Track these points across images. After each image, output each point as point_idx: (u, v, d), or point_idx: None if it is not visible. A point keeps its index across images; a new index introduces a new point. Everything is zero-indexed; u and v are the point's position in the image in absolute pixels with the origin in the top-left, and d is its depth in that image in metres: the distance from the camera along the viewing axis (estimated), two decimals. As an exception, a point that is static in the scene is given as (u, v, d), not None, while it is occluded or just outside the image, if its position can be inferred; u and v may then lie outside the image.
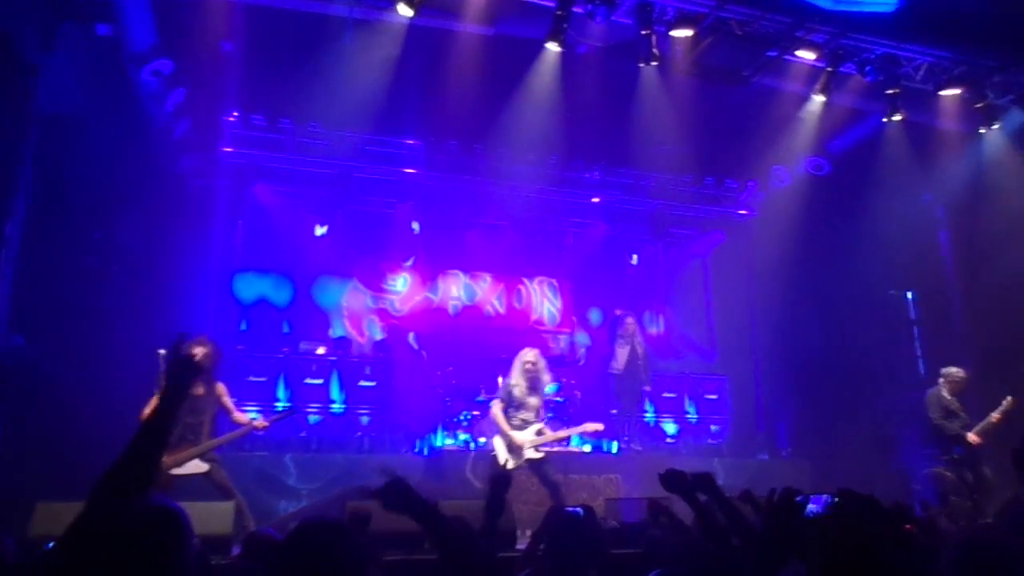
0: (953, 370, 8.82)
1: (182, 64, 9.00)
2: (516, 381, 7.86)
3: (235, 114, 10.58)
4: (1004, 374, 9.24)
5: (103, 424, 7.81)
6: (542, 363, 7.98)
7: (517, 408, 7.77)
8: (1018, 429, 8.87)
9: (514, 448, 7.64)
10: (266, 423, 7.13)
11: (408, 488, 2.75)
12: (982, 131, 10.43)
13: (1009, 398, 8.57)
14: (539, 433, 7.75)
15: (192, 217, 9.96)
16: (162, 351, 6.39)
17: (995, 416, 8.49)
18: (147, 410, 6.36)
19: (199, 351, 6.43)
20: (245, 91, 10.17)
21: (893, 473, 10.55)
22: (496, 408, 7.86)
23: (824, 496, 5.54)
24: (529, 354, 7.94)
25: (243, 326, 11.11)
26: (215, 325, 10.15)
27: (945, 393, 8.70)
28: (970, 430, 8.49)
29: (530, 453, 7.62)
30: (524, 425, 7.74)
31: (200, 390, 6.76)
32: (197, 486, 6.66)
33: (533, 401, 7.83)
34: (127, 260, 8.82)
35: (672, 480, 3.66)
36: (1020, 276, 10.60)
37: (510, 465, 7.49)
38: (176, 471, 6.55)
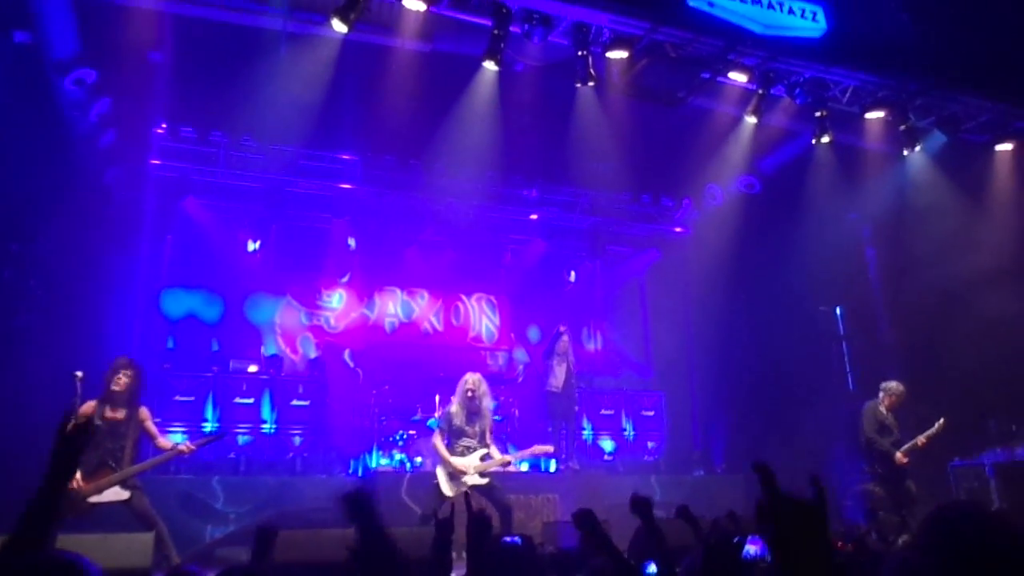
0: (893, 384, 8.88)
1: (107, 73, 8.72)
2: (456, 409, 7.76)
3: (163, 126, 10.30)
4: (928, 389, 9.51)
5: (13, 451, 7.46)
6: (483, 387, 7.87)
7: (458, 436, 7.66)
8: (943, 447, 9.19)
9: (455, 476, 7.52)
10: (192, 447, 6.87)
11: (372, 501, 2.74)
12: (906, 152, 10.79)
13: (941, 420, 8.68)
14: (484, 458, 7.64)
15: (118, 231, 9.64)
16: (79, 373, 6.12)
17: (922, 439, 8.64)
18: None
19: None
20: (175, 103, 9.91)
21: (823, 487, 10.73)
22: (436, 438, 7.73)
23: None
24: (470, 379, 7.83)
25: (170, 344, 10.76)
26: (141, 343, 9.84)
27: (883, 408, 8.78)
28: (899, 447, 8.61)
29: (474, 479, 7.51)
30: (467, 452, 7.63)
31: (121, 414, 6.54)
32: (117, 514, 6.39)
33: (475, 427, 7.71)
34: (46, 274, 8.45)
35: (639, 506, 3.76)
36: (943, 292, 10.97)
37: (450, 494, 7.38)
38: (95, 499, 6.29)
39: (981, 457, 9.78)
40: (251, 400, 10.04)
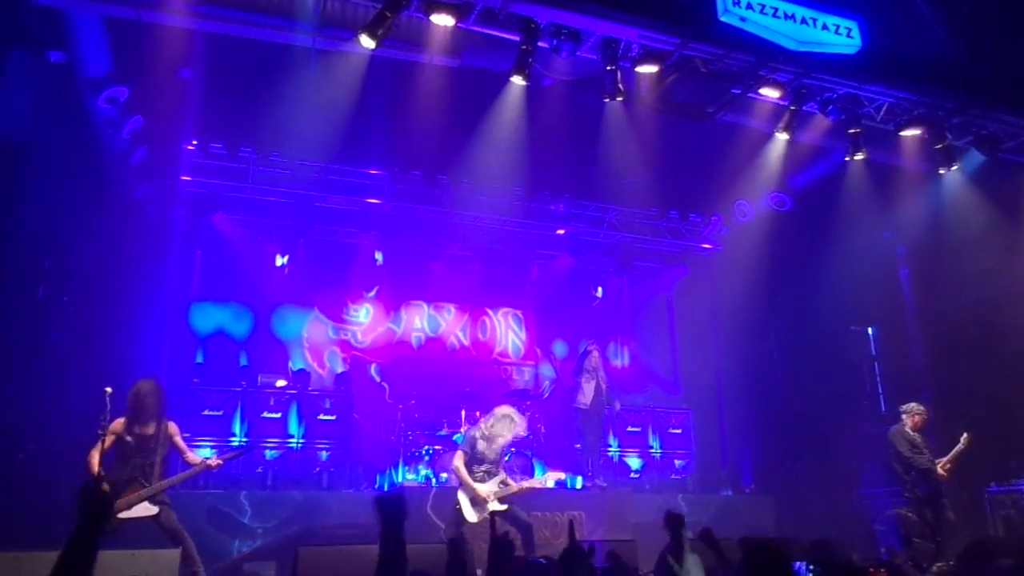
0: (914, 405, 8.87)
1: (139, 91, 8.84)
2: (480, 434, 7.76)
3: (194, 143, 10.38)
4: (961, 410, 9.30)
5: (47, 463, 7.54)
6: (522, 425, 7.97)
7: (479, 462, 7.66)
8: (980, 472, 8.99)
9: (478, 502, 7.49)
10: (220, 461, 6.90)
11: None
12: (942, 171, 10.58)
13: (965, 436, 8.64)
14: (502, 484, 7.64)
15: (148, 246, 9.74)
16: (108, 389, 6.16)
17: (950, 457, 8.59)
18: (94, 454, 6.16)
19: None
20: (205, 119, 10.00)
21: (855, 511, 10.55)
22: (458, 461, 7.69)
23: (802, 565, 5.44)
24: (509, 411, 7.86)
25: (199, 358, 10.84)
26: (170, 357, 9.93)
27: (908, 429, 8.74)
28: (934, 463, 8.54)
29: (494, 506, 7.49)
30: (487, 477, 7.63)
31: (150, 430, 6.56)
32: (145, 530, 6.41)
33: (495, 453, 7.73)
34: (79, 290, 8.55)
35: (673, 522, 4.14)
36: (978, 314, 10.74)
37: (474, 519, 7.36)
38: (125, 515, 6.29)
39: (1019, 484, 9.54)
40: (279, 415, 10.05)
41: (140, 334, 9.27)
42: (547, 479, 8.22)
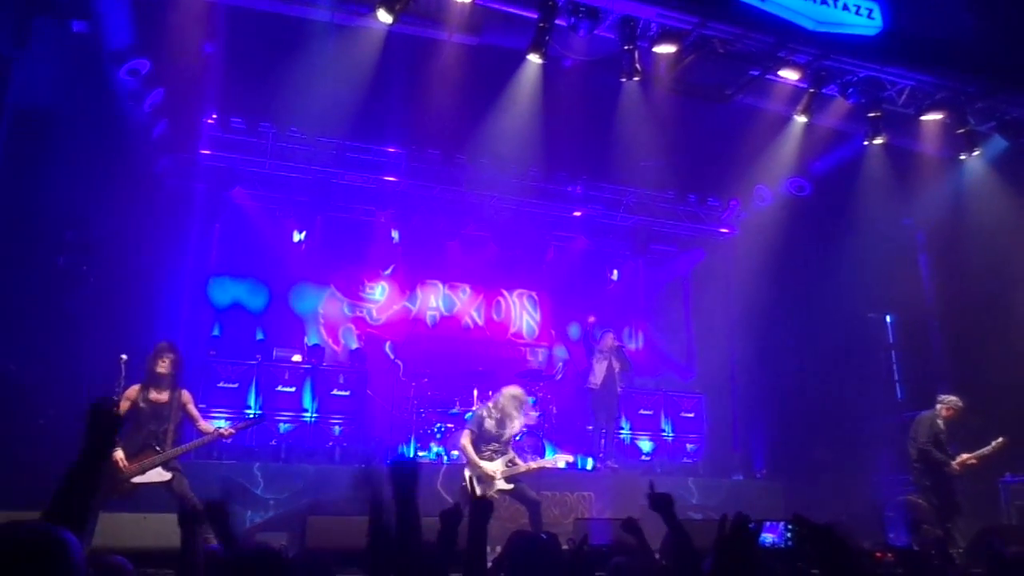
0: (952, 398, 8.58)
1: (161, 64, 8.87)
2: (488, 414, 7.76)
3: (214, 116, 10.45)
4: (980, 401, 9.19)
5: (67, 430, 7.68)
6: (529, 406, 7.95)
7: (487, 440, 7.67)
8: (995, 461, 8.87)
9: (484, 479, 7.54)
10: (232, 430, 6.96)
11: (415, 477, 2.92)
12: (963, 157, 10.44)
13: (1000, 440, 8.37)
14: (509, 463, 7.65)
15: (168, 219, 9.85)
16: (124, 356, 6.27)
17: (974, 458, 8.34)
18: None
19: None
20: (225, 93, 10.04)
21: (867, 497, 10.50)
22: (465, 439, 7.71)
23: (780, 524, 5.49)
24: (516, 392, 7.87)
25: (216, 331, 10.96)
26: (188, 329, 10.03)
27: (939, 420, 8.48)
28: (952, 460, 8.35)
29: (501, 484, 7.53)
30: (495, 456, 7.65)
31: (164, 396, 6.65)
32: (157, 495, 6.52)
33: (505, 433, 7.73)
34: (99, 261, 8.66)
35: (659, 501, 3.75)
36: (998, 303, 10.61)
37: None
38: (138, 479, 6.40)
39: (1035, 473, 9.44)
40: (293, 389, 10.16)
41: (158, 305, 9.39)
42: (556, 460, 8.27)
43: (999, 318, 10.63)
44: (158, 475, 6.47)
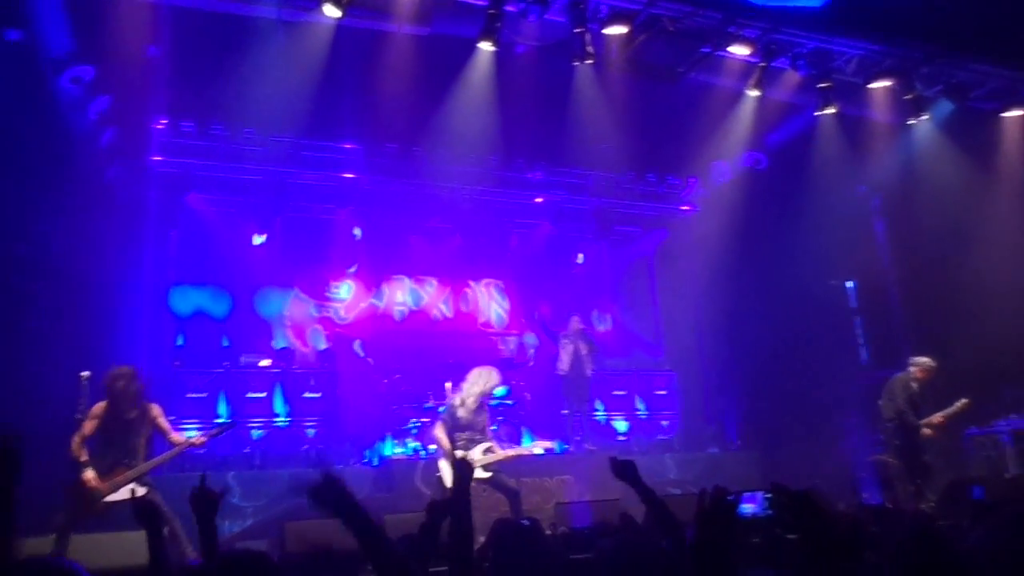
0: (924, 360, 8.67)
1: (104, 70, 8.64)
2: (460, 402, 7.70)
3: (164, 121, 10.24)
4: (941, 359, 9.41)
5: (33, 454, 7.47)
6: (495, 378, 7.87)
7: (461, 429, 7.59)
8: (960, 420, 9.07)
9: None
10: (204, 438, 6.85)
11: (343, 489, 2.53)
12: (912, 122, 10.64)
13: (963, 401, 8.52)
14: (487, 451, 7.59)
15: (122, 229, 9.60)
16: (85, 374, 6.13)
17: (940, 417, 8.49)
18: (76, 439, 6.14)
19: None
20: (173, 97, 9.83)
21: (838, 460, 10.72)
22: (438, 430, 7.66)
23: (758, 494, 5.57)
24: (482, 370, 7.84)
25: (180, 341, 10.74)
26: (150, 341, 9.85)
27: (913, 382, 8.58)
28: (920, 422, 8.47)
29: (478, 473, 7.46)
30: (470, 445, 7.55)
31: (132, 413, 6.51)
32: (131, 513, 6.38)
33: (479, 420, 7.67)
34: (53, 276, 8.43)
35: (622, 469, 3.69)
36: (953, 262, 10.85)
37: None
38: (111, 498, 6.30)
39: (997, 425, 9.71)
40: (263, 394, 10.05)
41: (118, 318, 9.16)
42: (534, 447, 8.26)
43: (956, 276, 10.88)
44: (131, 492, 6.33)
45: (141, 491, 6.34)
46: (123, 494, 6.30)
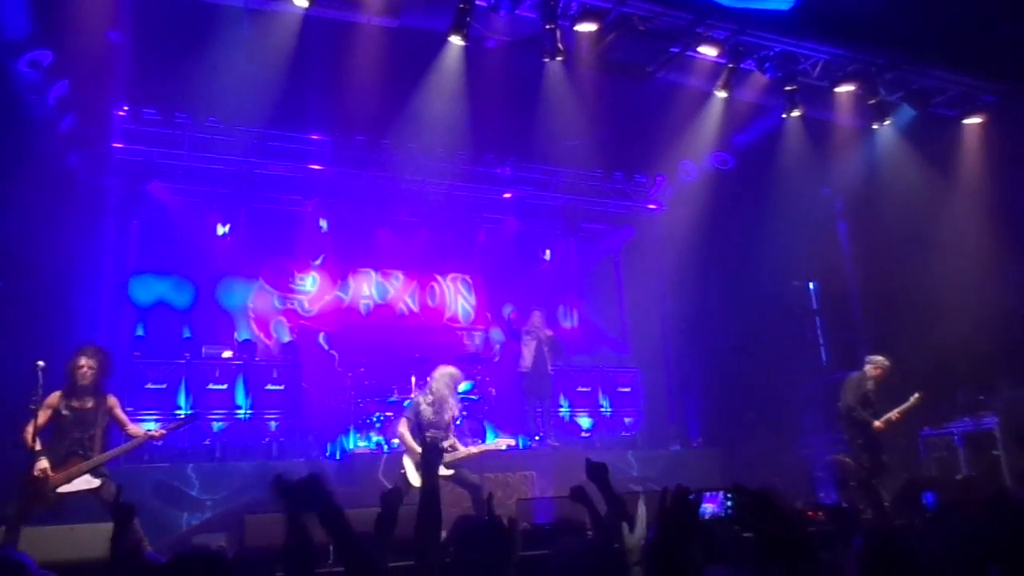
0: (879, 358, 8.81)
1: (63, 54, 8.44)
2: (424, 400, 7.72)
3: (125, 108, 10.03)
4: (899, 361, 9.60)
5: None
6: (460, 381, 7.98)
7: (427, 427, 7.60)
8: (915, 417, 9.26)
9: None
10: (163, 432, 6.80)
11: (326, 489, 2.68)
12: (875, 126, 10.82)
13: (916, 395, 8.64)
14: (450, 448, 7.61)
15: (82, 217, 9.43)
16: (40, 363, 6.01)
17: (896, 413, 8.61)
18: (28, 429, 6.03)
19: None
20: (136, 84, 9.61)
21: (797, 459, 10.89)
22: (403, 427, 7.66)
23: (719, 493, 5.65)
24: (450, 371, 7.87)
25: (140, 331, 10.59)
26: (110, 331, 9.66)
27: (868, 380, 8.70)
28: (877, 419, 8.58)
29: (441, 470, 7.48)
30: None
31: (89, 403, 6.42)
32: (86, 505, 6.29)
33: (444, 419, 7.69)
34: (11, 265, 8.23)
35: (595, 471, 3.87)
36: (912, 266, 11.06)
37: (418, 484, 7.33)
38: (64, 489, 6.19)
39: (950, 427, 9.91)
40: (225, 386, 9.91)
41: (76, 307, 9.00)
42: (498, 443, 8.28)
43: (914, 280, 11.08)
44: (86, 483, 6.26)
45: (95, 483, 6.30)
46: (77, 485, 6.23)
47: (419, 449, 7.47)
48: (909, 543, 2.75)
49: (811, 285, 13.58)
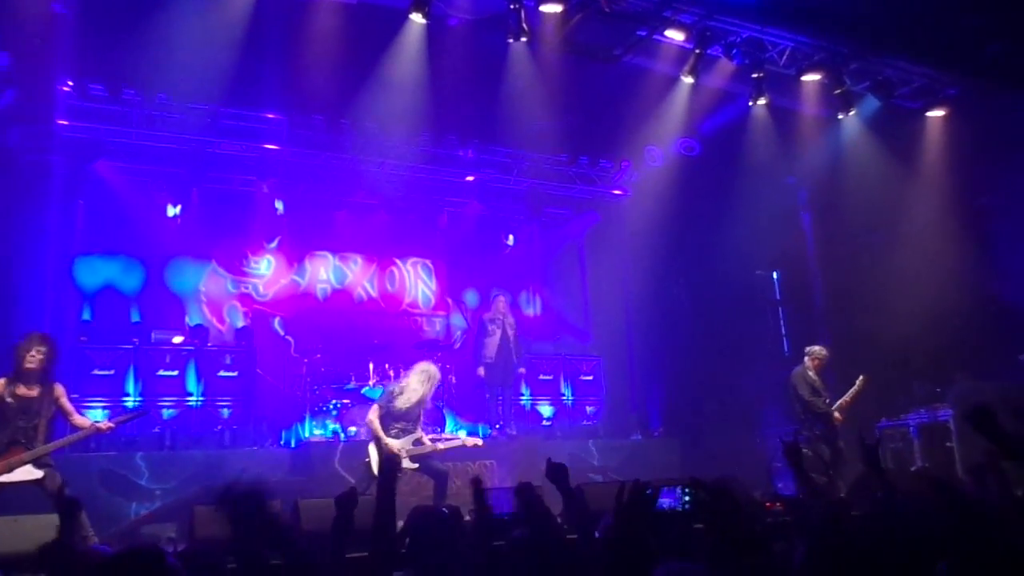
0: (816, 348, 9.02)
1: (3, 25, 8.05)
2: (399, 391, 7.66)
3: (70, 83, 9.57)
4: (858, 353, 9.66)
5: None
6: (437, 380, 7.94)
7: (396, 419, 7.58)
8: (873, 409, 9.34)
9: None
10: (112, 424, 6.60)
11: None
12: (840, 116, 10.82)
13: (861, 378, 8.87)
14: (416, 442, 7.59)
15: (24, 196, 9.05)
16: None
17: (847, 398, 8.84)
18: None
19: None
20: (82, 58, 9.20)
21: (756, 449, 10.92)
22: (373, 414, 7.62)
23: (676, 489, 5.59)
24: (428, 368, 7.82)
25: (87, 315, 10.21)
26: (54, 315, 9.30)
27: (810, 372, 8.88)
28: (830, 406, 8.77)
29: (405, 463, 7.42)
30: (401, 434, 7.57)
31: (34, 391, 6.22)
32: (28, 496, 6.07)
33: (415, 412, 7.67)
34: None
35: (554, 472, 3.93)
36: (873, 257, 11.11)
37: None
38: (5, 479, 5.99)
39: (906, 418, 10.01)
40: (175, 372, 9.64)
41: (18, 291, 8.66)
42: (465, 441, 8.24)
43: (875, 271, 11.15)
44: (27, 473, 6.06)
45: (38, 474, 6.11)
46: (19, 475, 6.04)
47: (386, 439, 7.43)
48: (856, 538, 2.74)
49: (774, 275, 13.60)
